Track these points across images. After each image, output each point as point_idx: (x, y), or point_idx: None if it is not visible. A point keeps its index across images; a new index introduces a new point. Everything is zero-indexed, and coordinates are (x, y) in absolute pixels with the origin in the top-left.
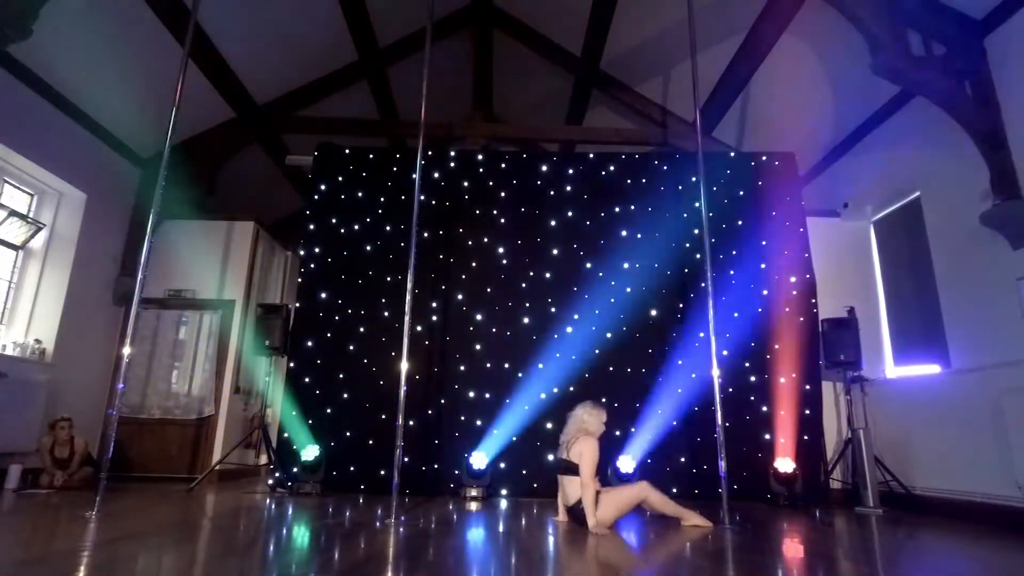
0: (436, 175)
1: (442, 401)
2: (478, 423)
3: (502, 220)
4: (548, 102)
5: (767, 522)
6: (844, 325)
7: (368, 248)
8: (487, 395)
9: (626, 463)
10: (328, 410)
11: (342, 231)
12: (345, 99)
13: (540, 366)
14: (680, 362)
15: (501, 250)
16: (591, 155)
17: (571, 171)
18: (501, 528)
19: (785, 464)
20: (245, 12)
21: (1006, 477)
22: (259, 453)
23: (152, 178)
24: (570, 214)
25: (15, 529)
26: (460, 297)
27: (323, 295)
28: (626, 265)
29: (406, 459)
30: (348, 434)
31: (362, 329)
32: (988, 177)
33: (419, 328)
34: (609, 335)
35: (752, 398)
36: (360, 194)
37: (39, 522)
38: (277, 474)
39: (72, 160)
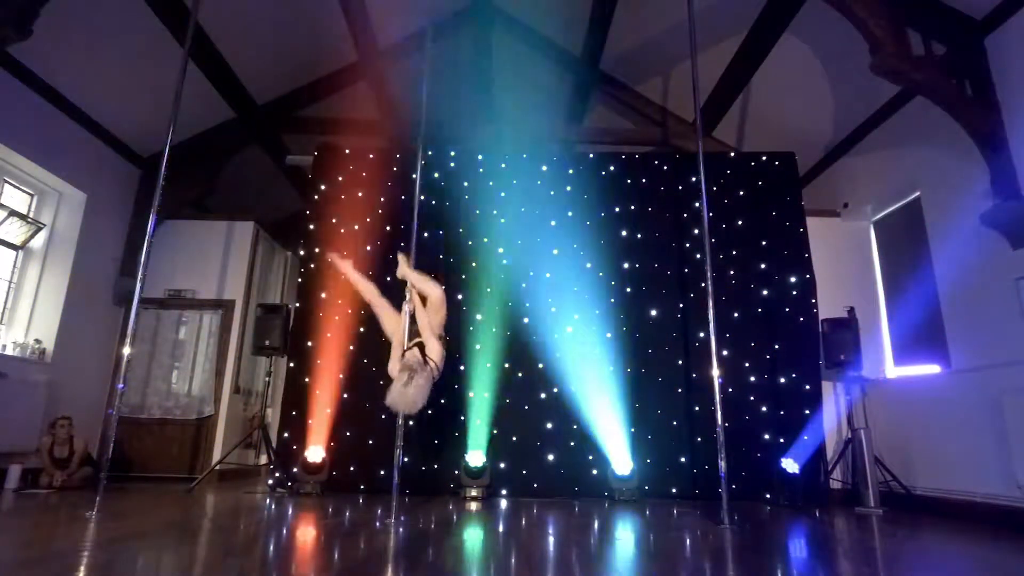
0: (436, 175)
1: (442, 401)
2: (478, 423)
3: (502, 220)
4: (548, 102)
5: (767, 522)
6: (844, 325)
7: (368, 248)
8: (487, 395)
9: (627, 462)
10: (328, 410)
11: (342, 231)
12: (345, 99)
13: (540, 366)
14: (680, 362)
15: (501, 250)
16: (591, 155)
17: (571, 171)
18: (501, 528)
19: (791, 465)
20: (245, 12)
21: (1006, 477)
22: (259, 453)
23: (152, 178)
24: (570, 214)
25: (15, 529)
26: (460, 297)
27: (323, 295)
28: (626, 265)
29: (406, 459)
30: (348, 434)
31: (362, 329)
32: (988, 177)
33: None
34: (609, 335)
35: (752, 398)
36: (360, 194)
37: (39, 522)
38: (277, 474)
39: (72, 160)
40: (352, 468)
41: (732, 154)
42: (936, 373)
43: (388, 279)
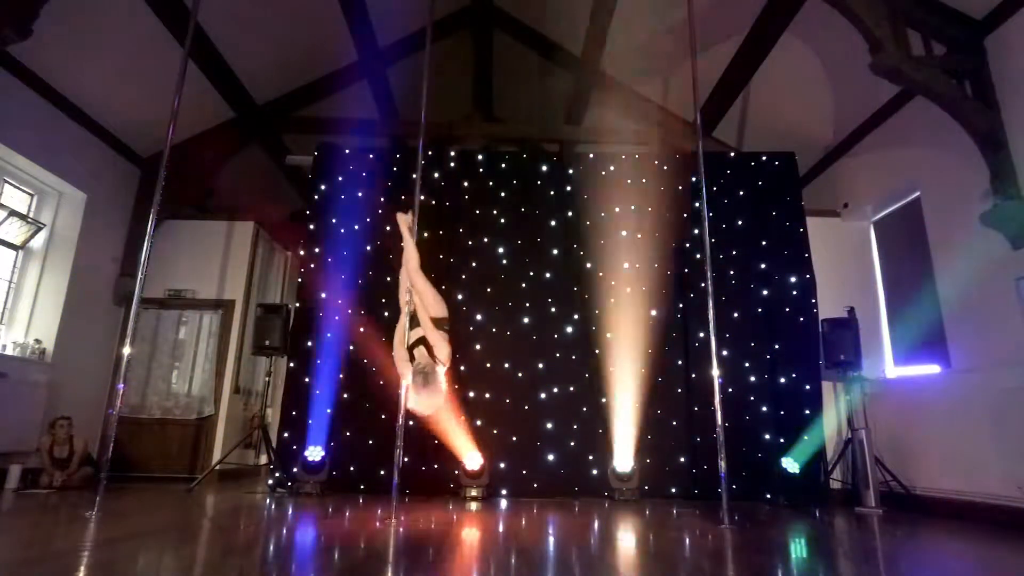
0: (436, 175)
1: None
2: (478, 423)
3: (502, 220)
4: (548, 102)
5: (767, 522)
6: (844, 325)
7: (368, 248)
8: (487, 395)
9: (625, 461)
10: (328, 410)
11: (342, 231)
12: (345, 99)
13: (540, 366)
14: (680, 362)
15: (501, 250)
16: (591, 155)
17: (571, 171)
18: (501, 528)
19: (791, 465)
20: (245, 12)
21: (1006, 477)
22: (259, 453)
23: (152, 178)
24: (570, 214)
25: (15, 529)
26: (460, 297)
27: (323, 295)
28: (626, 265)
29: (406, 459)
30: (348, 434)
31: (362, 329)
32: (988, 177)
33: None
34: (609, 335)
35: (752, 398)
36: (360, 194)
37: (39, 522)
38: (277, 474)
39: (72, 160)
40: (352, 468)
41: (732, 154)
42: (936, 373)
43: (388, 279)
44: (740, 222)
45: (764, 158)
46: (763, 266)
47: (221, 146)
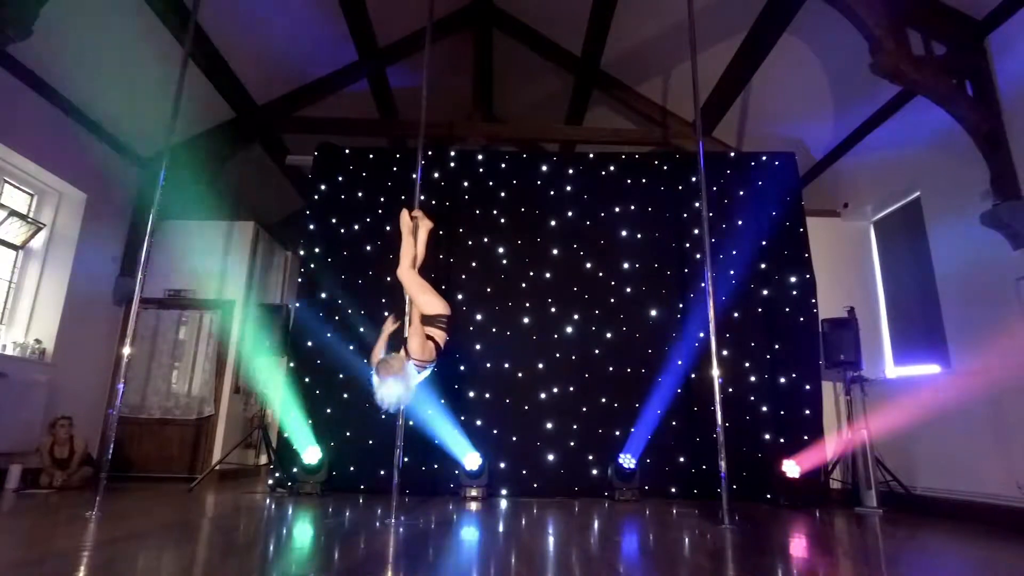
0: (436, 175)
1: (442, 401)
2: (478, 423)
3: (502, 220)
4: (548, 102)
5: (767, 522)
6: (844, 325)
7: (368, 248)
8: (487, 395)
9: (626, 461)
10: (328, 410)
11: (342, 231)
12: (345, 99)
13: (540, 366)
14: (680, 362)
15: (501, 250)
16: (591, 155)
17: (571, 171)
18: (501, 528)
19: (792, 468)
20: (245, 12)
21: (1006, 477)
22: (259, 453)
23: (152, 178)
24: (570, 214)
25: (15, 529)
26: (460, 297)
27: (323, 295)
28: (626, 265)
29: (406, 459)
30: (348, 434)
31: (362, 329)
32: (988, 177)
33: None
34: (609, 335)
35: (752, 398)
36: (360, 194)
37: (39, 522)
38: (277, 474)
39: (72, 160)
40: (352, 468)
41: (732, 154)
42: (936, 373)
43: (388, 279)
44: (740, 222)
45: (764, 158)
46: (763, 266)
47: (221, 146)
